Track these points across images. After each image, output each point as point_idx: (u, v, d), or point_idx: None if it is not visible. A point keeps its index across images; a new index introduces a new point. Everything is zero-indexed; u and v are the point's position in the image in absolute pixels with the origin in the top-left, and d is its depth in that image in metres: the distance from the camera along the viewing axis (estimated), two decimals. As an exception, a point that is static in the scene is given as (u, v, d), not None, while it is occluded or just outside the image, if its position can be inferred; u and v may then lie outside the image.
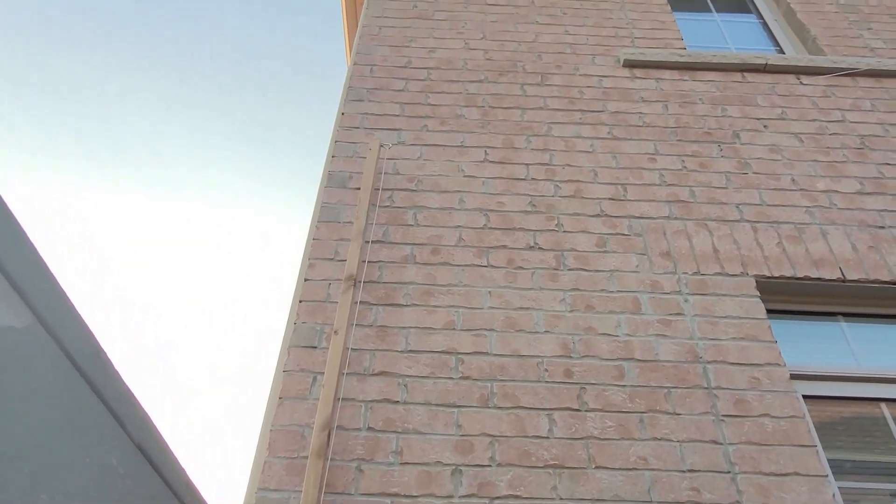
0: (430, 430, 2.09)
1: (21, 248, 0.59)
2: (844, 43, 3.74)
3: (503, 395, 2.19)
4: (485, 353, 2.29)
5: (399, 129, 3.05)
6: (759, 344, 2.37)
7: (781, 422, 2.17)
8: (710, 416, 2.17)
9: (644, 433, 2.12)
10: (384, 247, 2.58)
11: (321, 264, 2.49)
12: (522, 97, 3.26)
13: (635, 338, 2.36)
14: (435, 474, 1.99)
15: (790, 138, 3.14)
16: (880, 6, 4.05)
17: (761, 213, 2.81)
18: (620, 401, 2.20)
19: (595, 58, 3.51)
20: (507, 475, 2.00)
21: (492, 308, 2.42)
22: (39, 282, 0.60)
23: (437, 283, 2.48)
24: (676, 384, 2.25)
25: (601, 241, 2.66)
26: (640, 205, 2.80)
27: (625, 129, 3.12)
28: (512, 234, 2.67)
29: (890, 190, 2.93)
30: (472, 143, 3.02)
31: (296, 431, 2.05)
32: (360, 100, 3.17)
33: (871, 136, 3.17)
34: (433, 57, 3.45)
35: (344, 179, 2.81)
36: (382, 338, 2.31)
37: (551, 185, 2.86)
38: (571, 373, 2.26)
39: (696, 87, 3.37)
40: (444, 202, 2.77)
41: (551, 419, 2.14)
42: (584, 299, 2.46)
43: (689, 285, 2.53)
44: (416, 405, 2.14)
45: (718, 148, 3.07)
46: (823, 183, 2.95)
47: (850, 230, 2.76)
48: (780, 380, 2.27)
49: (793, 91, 3.39)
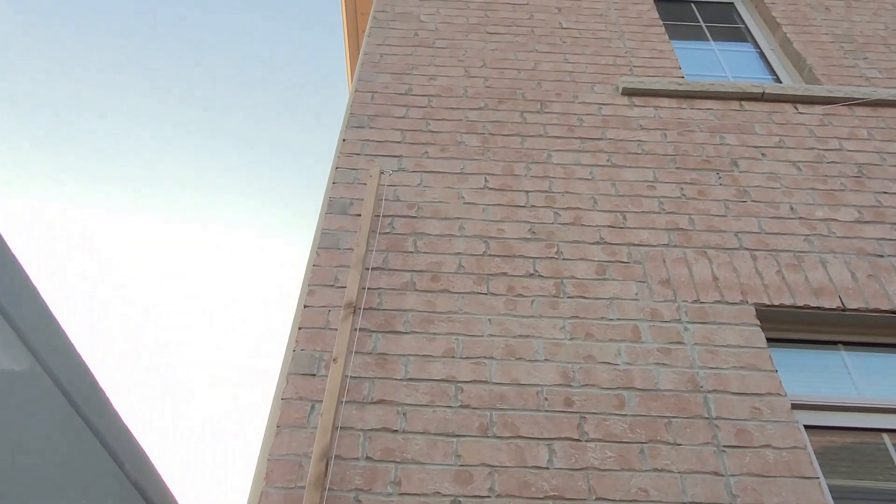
0: (428, 460, 2.07)
1: (23, 293, 0.59)
2: (840, 72, 3.79)
3: (503, 424, 2.17)
4: (484, 382, 2.28)
5: (400, 156, 3.07)
6: (759, 373, 2.36)
7: (783, 452, 2.15)
8: (711, 447, 2.15)
9: (645, 464, 2.11)
10: (384, 273, 2.58)
11: (321, 291, 2.49)
12: (522, 124, 3.29)
13: (635, 366, 2.35)
14: (434, 505, 1.97)
15: (788, 166, 3.16)
16: (875, 36, 4.10)
17: (760, 242, 2.81)
18: (621, 430, 2.18)
19: (594, 86, 3.55)
20: (507, 507, 1.98)
21: (491, 336, 2.41)
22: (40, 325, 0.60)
23: (437, 311, 2.47)
24: (677, 414, 2.23)
25: (601, 269, 2.66)
26: (639, 232, 2.81)
27: (624, 157, 3.15)
28: (512, 261, 2.67)
29: (888, 218, 2.94)
30: (472, 169, 3.04)
31: (293, 461, 2.03)
32: (362, 126, 3.20)
33: (869, 165, 3.20)
34: (434, 84, 3.48)
35: (344, 206, 2.82)
36: (382, 365, 2.30)
37: (551, 213, 2.87)
38: (571, 402, 2.25)
39: (694, 116, 3.40)
40: (445, 229, 2.77)
41: (551, 449, 2.12)
42: (584, 327, 2.46)
43: (689, 313, 2.53)
44: (414, 434, 2.13)
45: (717, 176, 3.09)
46: (822, 211, 2.96)
47: (849, 259, 2.77)
48: (781, 410, 2.26)
49: (790, 120, 3.43)
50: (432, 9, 4.03)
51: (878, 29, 4.17)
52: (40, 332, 0.60)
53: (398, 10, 4.01)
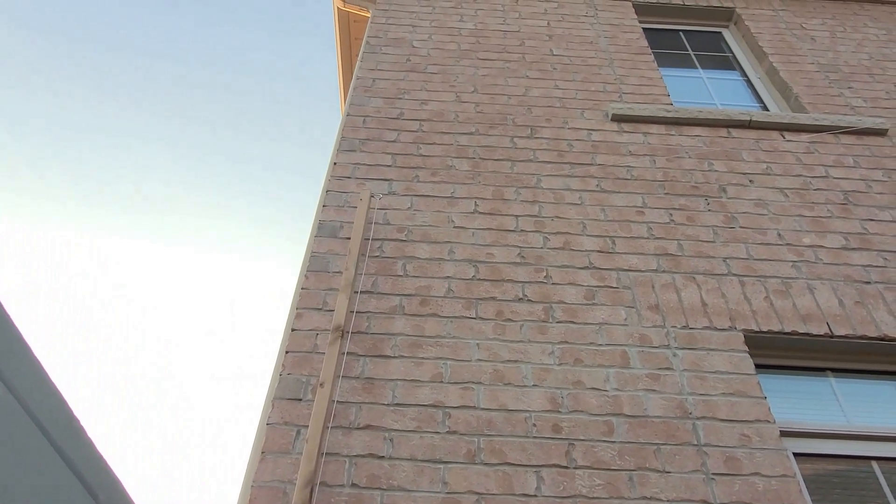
0: (415, 487, 2.04)
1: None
2: (826, 101, 3.85)
3: (490, 450, 2.15)
4: (472, 407, 2.26)
5: (390, 180, 3.08)
6: (748, 400, 2.35)
7: (773, 481, 2.14)
8: (700, 475, 2.14)
9: (633, 492, 2.09)
10: (373, 297, 2.57)
11: (309, 314, 2.48)
12: (512, 149, 3.31)
13: (624, 392, 2.34)
14: (419, 534, 1.94)
15: (775, 193, 3.19)
16: (859, 66, 4.18)
17: (748, 268, 2.83)
18: (609, 458, 2.16)
19: (584, 112, 3.59)
20: (494, 535, 1.95)
21: (480, 361, 2.40)
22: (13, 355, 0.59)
23: (426, 335, 2.46)
24: (666, 441, 2.22)
25: (590, 294, 2.66)
26: (628, 257, 2.82)
27: (613, 183, 3.17)
28: (501, 285, 2.67)
29: (874, 245, 2.97)
30: (462, 194, 3.05)
31: (278, 488, 2.00)
32: (353, 150, 3.21)
33: (855, 192, 3.23)
34: (425, 109, 3.51)
35: (334, 229, 2.82)
36: (369, 390, 2.28)
37: (540, 237, 2.88)
38: (560, 428, 2.23)
39: (682, 142, 3.44)
40: (434, 253, 2.77)
41: (539, 476, 2.10)
42: (573, 352, 2.45)
43: (678, 339, 2.53)
44: (401, 461, 2.10)
45: (705, 202, 3.11)
46: (809, 238, 2.98)
47: (836, 285, 2.78)
48: (770, 437, 2.25)
49: (777, 147, 3.47)
50: (425, 35, 4.08)
51: (863, 59, 4.25)
52: (12, 361, 0.59)
53: (391, 35, 4.06)
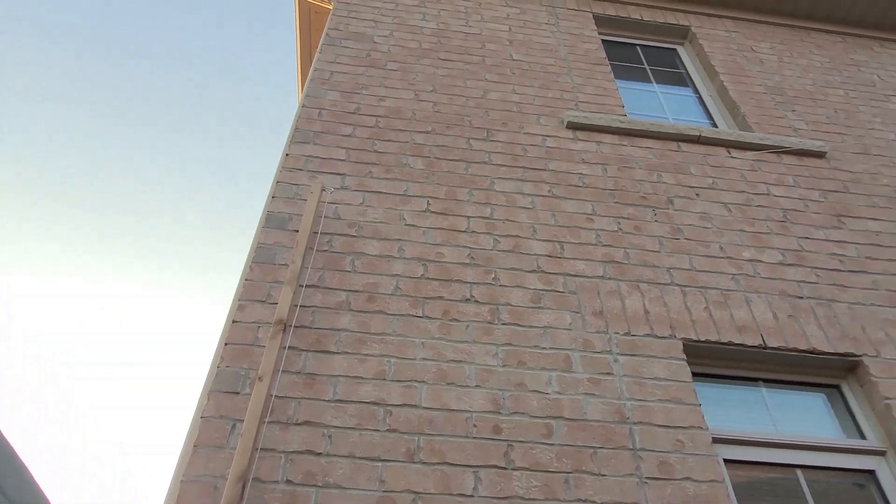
0: (352, 485, 2.02)
1: None
2: (771, 122, 3.99)
3: (430, 450, 2.14)
4: (414, 406, 2.25)
5: (343, 174, 3.05)
6: (684, 407, 2.41)
7: (702, 486, 2.19)
8: (634, 478, 2.18)
9: (569, 494, 2.11)
10: (319, 292, 2.53)
11: (251, 306, 2.42)
12: (468, 151, 3.32)
13: (565, 396, 2.37)
14: (353, 532, 1.91)
15: (720, 207, 3.29)
16: (803, 91, 4.35)
17: (691, 278, 2.90)
18: (547, 460, 2.18)
19: (540, 118, 3.62)
20: (429, 535, 1.95)
21: (424, 359, 2.39)
22: None
23: (371, 332, 2.44)
24: (603, 444, 2.25)
25: (536, 297, 2.69)
26: (575, 263, 2.86)
27: (565, 189, 3.21)
28: (449, 285, 2.67)
29: (808, 262, 3.09)
30: (415, 192, 3.04)
31: (209, 483, 1.94)
32: (306, 142, 3.16)
33: (793, 211, 3.36)
34: (383, 105, 3.49)
35: (283, 221, 2.77)
36: (310, 386, 2.24)
37: (491, 239, 2.89)
38: (500, 429, 2.24)
39: (634, 153, 3.51)
40: (384, 250, 2.75)
41: (477, 477, 2.10)
42: (517, 355, 2.47)
43: (620, 345, 2.57)
44: (339, 458, 2.07)
45: (653, 212, 3.18)
46: (749, 252, 3.08)
47: (771, 299, 2.88)
48: (702, 443, 2.31)
49: (723, 163, 3.58)
50: (386, 31, 4.05)
51: (807, 84, 4.43)
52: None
53: (352, 29, 4.02)
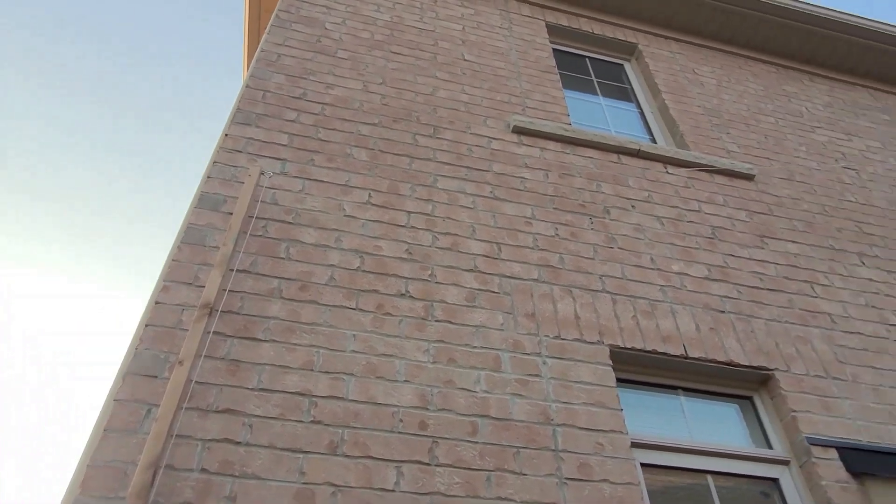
0: (270, 476, 1.97)
1: None
2: (706, 142, 4.15)
3: (354, 443, 2.12)
4: (340, 398, 2.21)
5: (284, 160, 2.98)
6: (606, 411, 2.47)
7: (619, 488, 2.25)
8: (554, 479, 2.22)
9: (490, 492, 2.13)
10: (250, 277, 2.47)
11: (177, 288, 2.33)
12: (413, 146, 3.30)
13: (492, 395, 2.39)
14: (268, 524, 1.87)
15: (653, 220, 3.39)
16: (738, 115, 4.55)
17: (621, 287, 2.98)
18: (471, 457, 2.20)
19: (487, 120, 3.65)
20: (346, 529, 1.92)
21: (354, 352, 2.36)
22: None
23: (301, 321, 2.39)
24: (526, 444, 2.28)
25: (471, 296, 2.70)
26: (511, 265, 2.89)
27: (506, 191, 3.24)
28: (385, 279, 2.65)
29: (732, 279, 3.22)
30: (357, 183, 3.00)
31: (118, 468, 1.86)
32: (248, 124, 3.08)
33: (721, 228, 3.50)
34: (330, 93, 3.43)
35: (217, 202, 2.68)
36: (233, 373, 2.18)
37: (430, 236, 2.89)
38: (426, 425, 2.24)
39: (575, 161, 3.58)
40: (321, 239, 2.71)
41: (399, 472, 2.09)
42: (448, 352, 2.47)
43: (549, 348, 2.62)
44: (259, 448, 2.02)
45: (590, 220, 3.26)
46: (678, 265, 3.19)
47: (695, 311, 2.99)
48: (621, 447, 2.37)
49: (659, 178, 3.69)
50: (338, 18, 3.99)
51: (742, 109, 4.64)
52: None
53: (303, 13, 3.93)
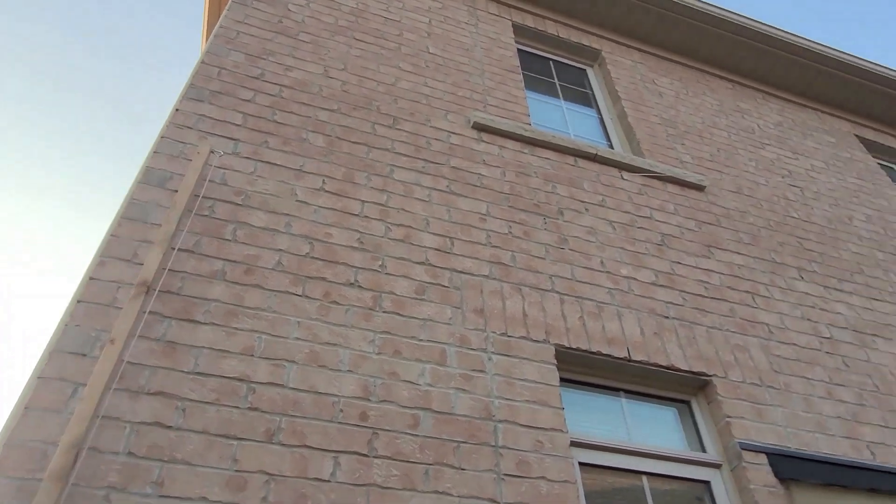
0: (201, 462, 1.91)
1: None
2: (661, 151, 4.23)
3: (291, 431, 2.07)
4: (280, 386, 2.16)
5: (237, 140, 2.90)
6: (548, 409, 2.49)
7: (555, 485, 2.27)
8: (492, 474, 2.22)
9: (427, 485, 2.11)
10: (192, 257, 2.39)
11: (114, 264, 2.24)
12: (371, 135, 3.26)
13: (436, 388, 2.37)
14: (196, 511, 1.81)
15: (605, 224, 3.44)
16: (693, 128, 4.65)
17: (570, 287, 3.01)
18: (410, 450, 2.18)
19: (448, 114, 3.63)
20: (278, 518, 1.88)
21: (298, 339, 2.31)
22: None
23: (244, 305, 2.33)
24: (467, 439, 2.28)
25: (421, 289, 2.68)
26: (463, 260, 2.88)
27: (462, 186, 3.23)
28: (334, 267, 2.60)
29: (678, 285, 3.29)
30: (311, 169, 2.94)
31: (38, 448, 1.77)
32: (201, 100, 2.98)
33: (670, 236, 3.57)
34: (289, 76, 3.35)
35: (163, 179, 2.59)
36: (169, 354, 2.10)
37: (383, 226, 2.85)
38: (367, 416, 2.21)
39: (533, 162, 3.60)
40: (270, 223, 2.64)
41: (337, 462, 2.06)
42: (394, 344, 2.45)
43: (495, 345, 2.62)
44: (191, 433, 1.96)
45: (543, 221, 3.27)
46: (626, 269, 3.24)
47: (641, 315, 3.04)
48: (560, 445, 2.39)
49: (614, 183, 3.74)
50: (302, 0, 3.91)
51: (697, 122, 4.75)
52: None
53: (266, -8, 3.84)
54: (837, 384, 3.19)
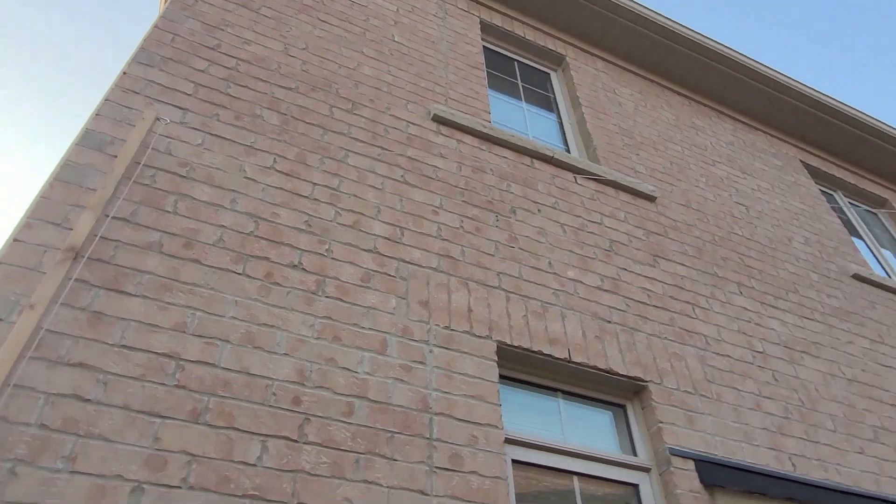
0: (119, 439, 1.82)
1: None
2: (617, 160, 4.29)
3: (219, 412, 2.00)
4: (211, 365, 2.09)
5: (186, 110, 2.79)
6: (485, 405, 2.48)
7: (486, 481, 2.26)
8: (424, 466, 2.20)
9: (357, 474, 2.08)
10: (128, 227, 2.29)
11: (42, 227, 2.12)
12: (328, 118, 3.20)
13: (374, 377, 2.34)
14: (110, 489, 1.73)
15: (556, 226, 3.46)
16: (648, 140, 4.74)
17: (517, 286, 3.01)
18: (342, 438, 2.14)
19: (408, 104, 3.59)
20: (197, 500, 1.81)
21: (234, 318, 2.24)
22: None
23: (180, 280, 2.24)
24: (401, 430, 2.25)
25: (366, 277, 2.64)
26: (412, 251, 2.85)
27: (417, 178, 3.20)
28: (278, 247, 2.54)
29: (622, 291, 3.34)
30: (262, 146, 2.86)
31: (-60, 415, 1.66)
32: (150, 65, 2.86)
33: (618, 243, 3.62)
34: (247, 49, 3.26)
35: (103, 143, 2.47)
36: (94, 325, 2.00)
37: (332, 210, 2.80)
38: (300, 401, 2.15)
39: (490, 159, 3.60)
40: (215, 197, 2.55)
41: (265, 446, 2.00)
42: (334, 330, 2.40)
43: (438, 337, 2.60)
44: (111, 408, 1.87)
45: (496, 218, 3.27)
46: (573, 272, 3.27)
47: (584, 318, 3.07)
48: (495, 441, 2.39)
49: (568, 187, 3.78)
50: (268, -25, 3.81)
51: (653, 134, 4.83)
52: None
53: (230, -37, 3.72)
54: (766, 397, 3.29)
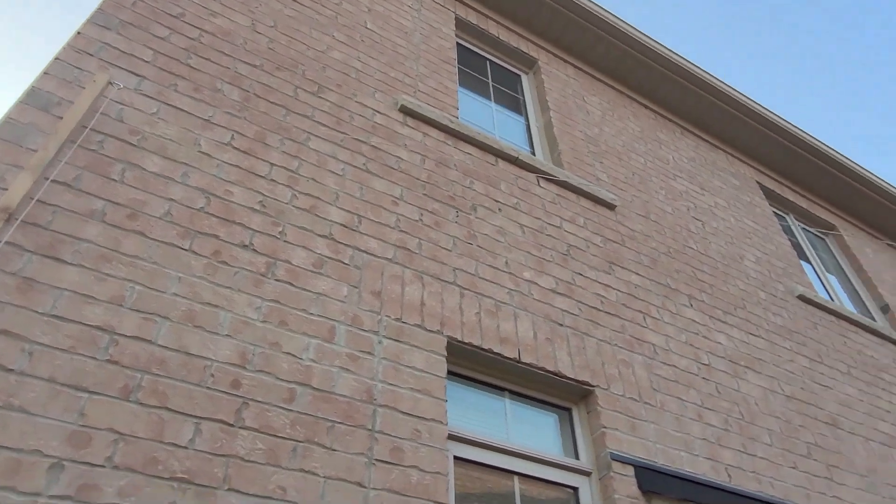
0: (41, 412, 1.73)
1: None
2: (580, 166, 4.32)
3: (152, 391, 1.92)
4: (147, 341, 2.01)
5: (142, 77, 2.68)
6: (431, 399, 2.45)
7: (426, 476, 2.23)
8: (363, 458, 2.15)
9: (293, 463, 2.02)
10: (69, 192, 2.18)
11: (-26, 185, 2.01)
12: (292, 99, 3.12)
13: (318, 365, 2.28)
14: (26, 464, 1.64)
15: (516, 227, 3.46)
16: (612, 149, 4.79)
17: (472, 283, 3.00)
18: (280, 425, 2.08)
19: (376, 93, 3.54)
20: (121, 481, 1.73)
21: (175, 295, 2.16)
22: None
23: (121, 251, 2.15)
24: (343, 420, 2.20)
25: (319, 263, 2.58)
26: (368, 240, 2.80)
27: (379, 167, 3.15)
28: (229, 226, 2.46)
29: (575, 296, 3.35)
30: (221, 121, 2.78)
31: None
32: (108, 28, 2.74)
33: (576, 248, 3.64)
34: (212, 21, 3.16)
35: (49, 103, 2.35)
36: (24, 292, 1.90)
37: (289, 193, 2.73)
38: (239, 384, 2.09)
39: (454, 154, 3.57)
40: (165, 170, 2.46)
41: (198, 429, 1.93)
42: (281, 314, 2.33)
43: (388, 329, 2.56)
44: (35, 379, 1.77)
45: (456, 214, 3.25)
46: (529, 273, 3.27)
47: (536, 320, 3.07)
48: (438, 437, 2.36)
49: (530, 189, 3.78)
50: (240, -52, 3.70)
51: (618, 144, 4.89)
52: None
53: (202, -68, 3.60)
54: (708, 408, 3.35)
